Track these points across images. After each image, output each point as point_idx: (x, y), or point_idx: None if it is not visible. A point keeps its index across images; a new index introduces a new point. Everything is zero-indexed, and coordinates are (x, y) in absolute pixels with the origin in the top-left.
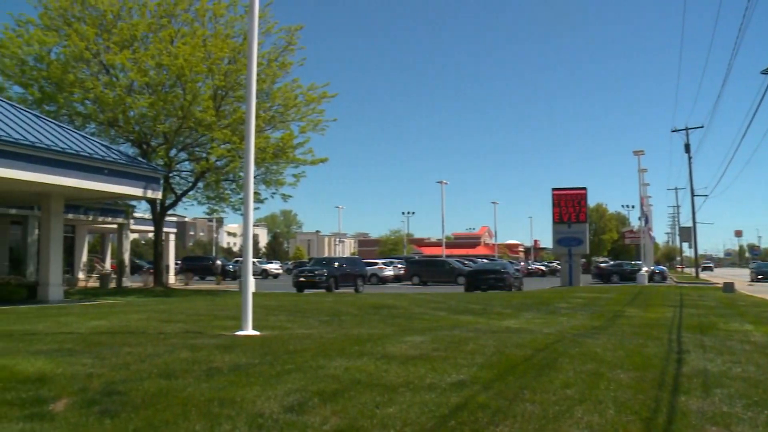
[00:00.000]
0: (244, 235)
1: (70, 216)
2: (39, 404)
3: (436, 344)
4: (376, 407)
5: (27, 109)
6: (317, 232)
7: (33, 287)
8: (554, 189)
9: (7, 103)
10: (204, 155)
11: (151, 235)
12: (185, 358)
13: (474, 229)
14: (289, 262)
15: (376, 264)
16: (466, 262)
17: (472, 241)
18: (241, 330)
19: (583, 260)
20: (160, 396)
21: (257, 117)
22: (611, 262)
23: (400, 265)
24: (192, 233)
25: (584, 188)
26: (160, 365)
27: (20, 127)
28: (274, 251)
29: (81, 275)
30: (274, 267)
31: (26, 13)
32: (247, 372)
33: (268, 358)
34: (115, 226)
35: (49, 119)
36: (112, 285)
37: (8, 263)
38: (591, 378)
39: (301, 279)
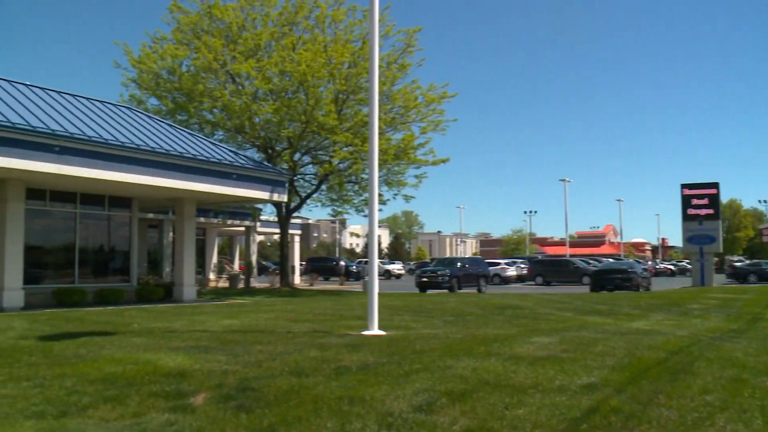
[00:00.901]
0: (369, 236)
1: (201, 219)
2: (180, 397)
3: (564, 345)
4: (505, 408)
5: (162, 120)
6: (438, 232)
7: (169, 287)
8: (683, 185)
9: (145, 115)
10: (327, 158)
11: (276, 237)
12: (314, 357)
13: (598, 227)
14: (411, 263)
15: (498, 264)
16: (591, 261)
17: (596, 239)
18: (368, 330)
19: (716, 259)
20: (291, 393)
21: (378, 119)
22: (747, 261)
23: (522, 265)
24: (315, 235)
25: (716, 183)
26: (290, 363)
27: (156, 136)
28: (396, 252)
29: (211, 276)
30: (396, 267)
31: (161, 30)
32: (375, 371)
33: (395, 358)
34: (242, 228)
35: (182, 128)
36: (241, 285)
37: (147, 264)
38: (732, 384)
39: (424, 279)
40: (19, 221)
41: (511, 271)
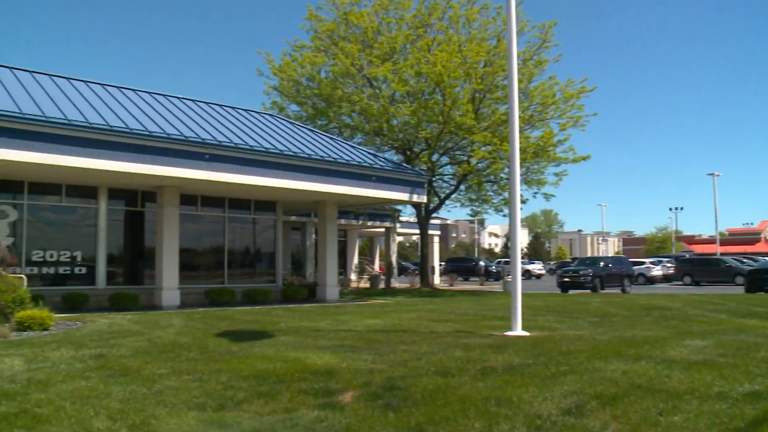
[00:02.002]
0: (511, 235)
1: (342, 221)
2: (329, 395)
3: (721, 349)
4: (659, 414)
5: (303, 125)
6: (579, 231)
7: (312, 287)
8: None
9: (287, 121)
10: (465, 158)
11: (415, 237)
12: (459, 357)
13: (752, 224)
14: (552, 263)
15: (643, 263)
16: (744, 260)
17: (750, 237)
18: (511, 330)
19: None
20: (438, 393)
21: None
22: None
23: (669, 264)
24: (454, 235)
25: None
26: (435, 363)
27: (298, 141)
28: (535, 251)
29: (353, 276)
30: (536, 267)
31: (300, 38)
32: (521, 372)
33: (541, 359)
34: (382, 230)
35: (322, 132)
36: (381, 286)
37: (290, 265)
38: None
39: (566, 279)
40: (174, 225)
41: (657, 271)
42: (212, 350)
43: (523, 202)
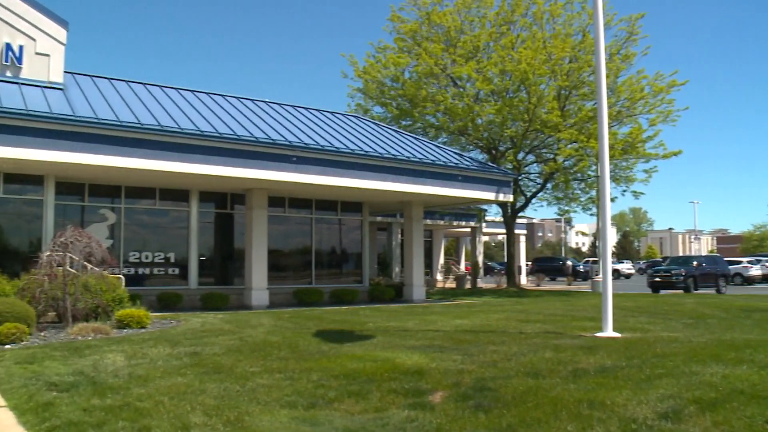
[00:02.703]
0: (601, 234)
1: (428, 221)
2: (419, 395)
3: None
4: (766, 422)
5: (387, 126)
6: (670, 229)
7: (399, 287)
8: None
9: (372, 122)
10: (551, 156)
11: (500, 237)
12: (549, 358)
13: None
14: (641, 262)
15: (739, 262)
16: None
17: None
18: (602, 331)
19: None
20: (528, 394)
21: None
22: None
23: None
24: (540, 234)
25: None
26: (525, 364)
27: (383, 142)
28: (624, 250)
29: (439, 277)
30: (625, 267)
31: (383, 40)
32: (614, 375)
33: (634, 362)
34: (468, 229)
35: (407, 133)
36: (467, 286)
37: (377, 266)
38: None
39: (657, 279)
40: (263, 227)
41: (755, 270)
42: (302, 349)
43: (611, 200)
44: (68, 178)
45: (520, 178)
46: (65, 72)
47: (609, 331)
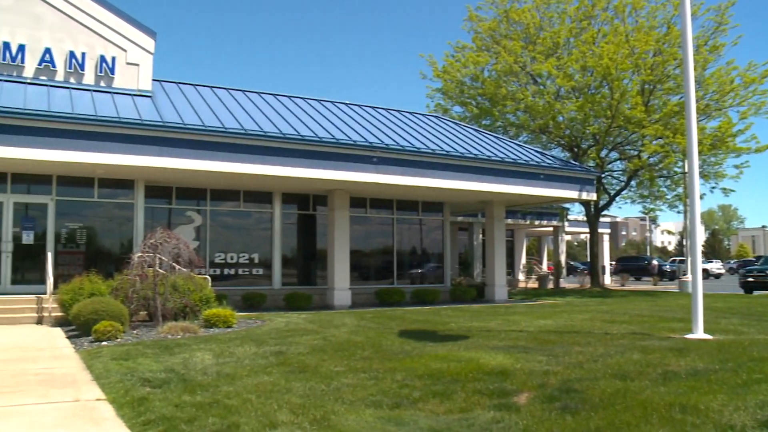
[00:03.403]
0: (690, 232)
1: (509, 221)
2: (503, 396)
3: None
4: None
5: (467, 125)
6: (763, 227)
7: (480, 287)
8: None
9: (452, 122)
10: (636, 153)
11: (583, 236)
12: (637, 360)
13: None
14: (732, 261)
15: None
16: None
17: None
18: (692, 333)
19: None
20: (617, 397)
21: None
22: None
23: None
24: (624, 233)
25: None
26: (612, 366)
27: (463, 141)
28: (713, 249)
29: (521, 277)
30: (715, 266)
31: (462, 40)
32: (707, 378)
33: (729, 365)
34: (550, 229)
35: (487, 132)
36: (550, 286)
37: (458, 266)
38: None
39: (750, 279)
40: (344, 228)
41: None
42: (386, 349)
43: (700, 197)
44: (156, 182)
45: (603, 175)
46: (153, 80)
47: (699, 333)
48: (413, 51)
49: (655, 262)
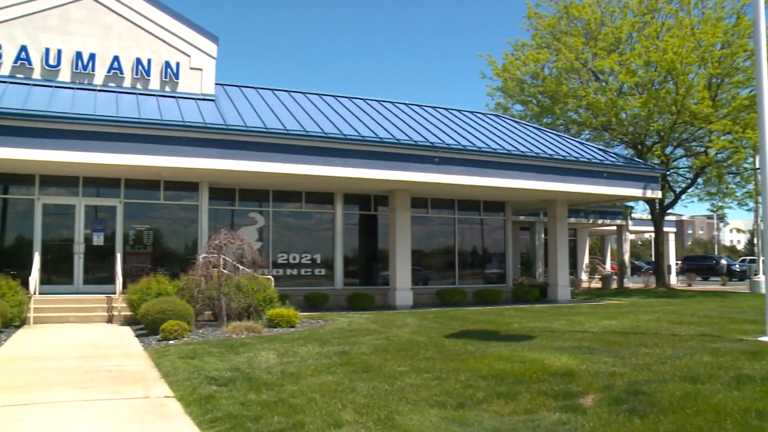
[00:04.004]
0: (763, 231)
1: (572, 220)
2: (569, 397)
3: None
4: None
5: (528, 124)
6: None
7: (543, 288)
8: None
9: (513, 120)
10: (702, 149)
11: (647, 235)
12: (708, 362)
13: None
14: None
15: None
16: None
17: None
18: (766, 336)
19: None
20: (687, 400)
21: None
22: None
23: None
24: (690, 232)
25: None
26: (681, 368)
27: (524, 140)
28: None
29: (583, 276)
30: None
31: (521, 38)
32: None
33: None
34: (613, 228)
35: (548, 130)
36: (614, 286)
37: (520, 266)
38: None
39: None
40: (406, 228)
41: None
42: (448, 349)
43: None
44: (220, 184)
45: (668, 173)
46: (216, 84)
47: None
48: (472, 50)
49: (723, 261)
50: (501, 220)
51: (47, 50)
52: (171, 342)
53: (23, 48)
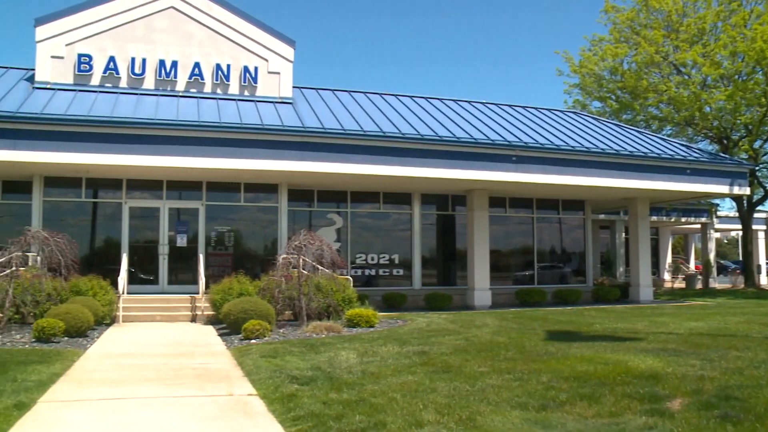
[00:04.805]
0: None
1: (653, 218)
2: (655, 401)
3: None
4: None
5: (607, 120)
6: None
7: (624, 288)
8: None
9: (591, 117)
10: None
11: (734, 234)
12: None
13: None
14: None
15: None
16: None
17: None
18: None
19: None
20: None
21: None
22: None
23: None
24: None
25: None
26: None
27: (604, 137)
28: None
29: (666, 276)
30: None
31: (598, 33)
32: None
33: None
34: (697, 226)
35: (628, 126)
36: (698, 286)
37: (600, 266)
38: None
39: None
40: (484, 227)
41: None
42: (529, 350)
43: None
44: (298, 186)
45: (757, 168)
46: (293, 87)
47: None
48: (547, 47)
49: None
50: (580, 219)
51: (133, 59)
52: (253, 341)
53: (111, 58)
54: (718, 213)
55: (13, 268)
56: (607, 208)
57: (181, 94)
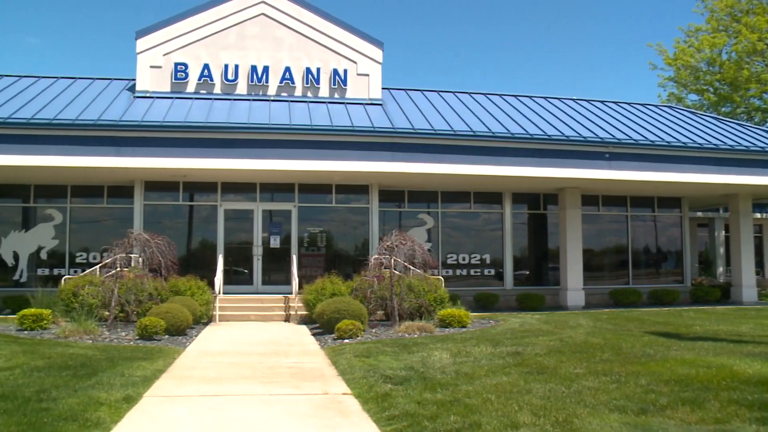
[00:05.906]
0: None
1: (756, 215)
2: (766, 408)
3: None
4: None
5: (705, 114)
6: None
7: (725, 288)
8: None
9: (688, 111)
10: None
11: None
12: None
13: None
14: None
15: None
16: None
17: None
18: None
19: None
20: None
21: None
22: None
23: None
24: None
25: None
26: None
27: (701, 131)
28: None
29: None
30: None
31: (693, 23)
32: None
33: None
34: None
35: (728, 119)
36: None
37: (698, 265)
38: None
39: None
40: (576, 226)
41: None
42: (626, 352)
43: None
44: (389, 186)
45: None
46: (382, 88)
47: None
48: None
49: None
50: (677, 217)
51: (226, 66)
52: (346, 341)
53: (206, 66)
54: None
55: (118, 269)
56: (705, 205)
57: (272, 98)
